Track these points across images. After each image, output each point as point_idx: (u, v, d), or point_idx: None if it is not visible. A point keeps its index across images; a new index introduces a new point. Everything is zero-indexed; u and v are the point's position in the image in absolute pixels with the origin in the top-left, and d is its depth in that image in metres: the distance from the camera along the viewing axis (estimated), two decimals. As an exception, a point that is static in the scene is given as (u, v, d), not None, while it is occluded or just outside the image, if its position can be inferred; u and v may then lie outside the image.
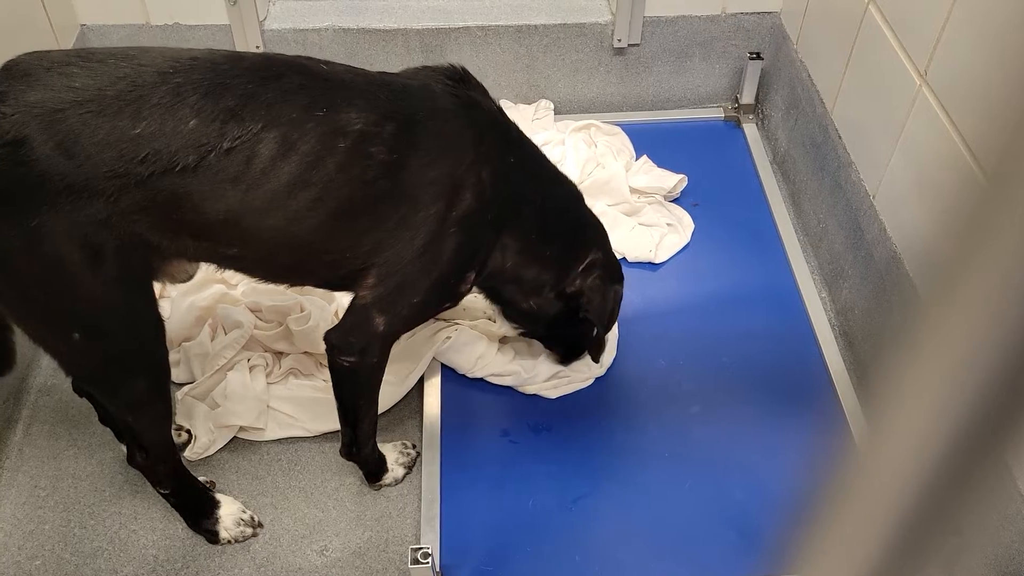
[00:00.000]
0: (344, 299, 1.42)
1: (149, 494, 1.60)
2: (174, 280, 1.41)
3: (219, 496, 1.57)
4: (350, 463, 1.60)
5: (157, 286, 1.81)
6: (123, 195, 1.13)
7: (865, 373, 1.76)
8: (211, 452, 1.66)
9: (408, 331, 1.46)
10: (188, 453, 1.65)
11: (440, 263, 1.33)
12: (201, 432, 1.66)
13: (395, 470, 1.62)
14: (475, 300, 1.69)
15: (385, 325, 1.35)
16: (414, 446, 1.66)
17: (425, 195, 1.28)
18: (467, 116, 1.34)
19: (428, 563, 1.37)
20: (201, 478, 1.58)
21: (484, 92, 1.42)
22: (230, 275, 1.87)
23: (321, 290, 1.77)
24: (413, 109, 1.29)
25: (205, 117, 1.13)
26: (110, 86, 1.11)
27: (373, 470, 1.60)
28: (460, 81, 1.38)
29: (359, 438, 1.52)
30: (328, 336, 1.38)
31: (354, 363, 1.38)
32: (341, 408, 1.48)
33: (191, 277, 1.45)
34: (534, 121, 2.27)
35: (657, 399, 1.73)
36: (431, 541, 1.50)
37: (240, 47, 2.17)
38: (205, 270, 1.85)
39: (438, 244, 1.31)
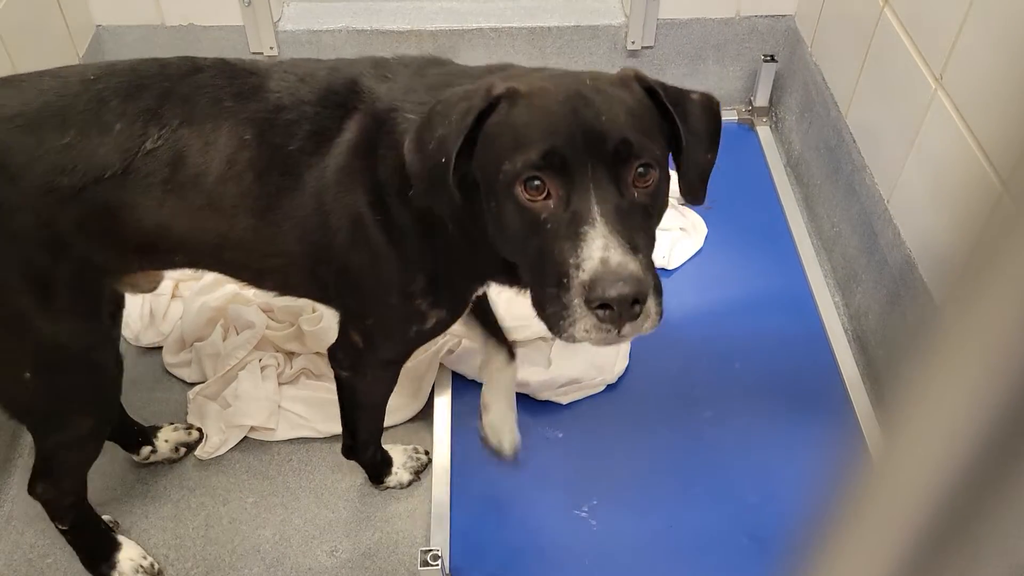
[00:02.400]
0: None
1: (159, 493, 1.61)
2: (135, 291, 1.37)
3: (121, 538, 1.51)
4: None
5: (168, 285, 1.83)
6: (60, 212, 1.10)
7: (879, 378, 1.75)
8: (222, 452, 1.66)
9: (398, 357, 1.36)
10: (199, 452, 1.65)
11: (366, 280, 1.19)
12: (212, 432, 1.67)
13: (400, 473, 1.61)
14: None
15: (364, 343, 1.28)
16: (426, 452, 1.65)
17: (324, 204, 1.15)
18: (361, 116, 1.14)
19: (438, 565, 1.37)
20: (105, 517, 1.52)
21: (432, 62, 1.20)
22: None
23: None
24: (320, 104, 1.15)
25: (128, 119, 1.11)
26: (35, 99, 1.09)
27: (374, 472, 1.60)
28: (386, 72, 1.17)
29: (357, 444, 1.52)
30: (329, 347, 1.36)
31: (348, 377, 1.37)
32: (342, 413, 1.48)
33: (156, 287, 1.41)
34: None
35: (669, 404, 1.72)
36: (441, 543, 1.49)
37: (254, 48, 2.18)
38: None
39: (354, 259, 1.18)
